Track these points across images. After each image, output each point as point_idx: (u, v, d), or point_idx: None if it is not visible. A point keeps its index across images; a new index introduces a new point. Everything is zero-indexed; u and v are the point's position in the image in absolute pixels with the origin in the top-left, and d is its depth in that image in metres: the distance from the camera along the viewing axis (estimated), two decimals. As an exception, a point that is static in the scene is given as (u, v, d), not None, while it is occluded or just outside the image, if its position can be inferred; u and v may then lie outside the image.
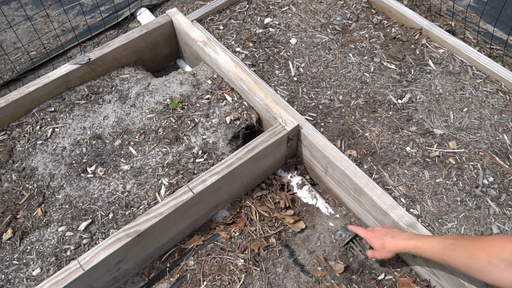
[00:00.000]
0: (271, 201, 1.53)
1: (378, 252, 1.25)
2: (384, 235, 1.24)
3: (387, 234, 1.23)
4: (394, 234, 1.22)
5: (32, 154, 1.53)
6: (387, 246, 1.21)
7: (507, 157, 1.50)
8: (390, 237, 1.21)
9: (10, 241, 1.35)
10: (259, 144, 1.41)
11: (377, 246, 1.25)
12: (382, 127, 1.61)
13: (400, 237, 1.19)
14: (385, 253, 1.23)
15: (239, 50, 1.84)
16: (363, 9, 1.99)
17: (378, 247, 1.25)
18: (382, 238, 1.23)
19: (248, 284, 1.36)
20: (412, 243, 1.15)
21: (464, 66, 1.76)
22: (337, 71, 1.78)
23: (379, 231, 1.27)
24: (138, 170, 1.47)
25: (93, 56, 1.65)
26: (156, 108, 1.63)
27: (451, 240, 1.07)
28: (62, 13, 2.40)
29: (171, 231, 1.37)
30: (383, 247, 1.22)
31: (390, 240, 1.21)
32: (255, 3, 2.03)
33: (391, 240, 1.20)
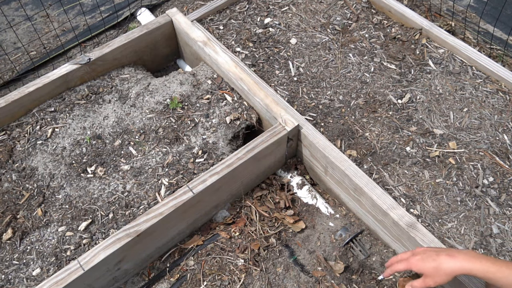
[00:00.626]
0: (271, 201, 1.53)
1: (431, 277, 1.01)
2: (436, 254, 1.01)
3: (441, 252, 1.01)
4: (450, 252, 1.00)
5: (32, 154, 1.53)
6: (444, 268, 0.99)
7: (507, 157, 1.50)
8: (446, 256, 0.99)
9: (10, 241, 1.35)
10: (259, 144, 1.41)
11: (429, 270, 1.01)
12: (382, 127, 1.61)
13: (461, 256, 0.98)
14: (442, 277, 0.99)
15: (239, 50, 1.84)
16: (363, 9, 1.99)
17: (431, 271, 1.00)
18: (434, 259, 1.00)
19: (248, 284, 1.36)
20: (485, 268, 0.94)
21: (464, 66, 1.76)
22: (337, 71, 1.78)
23: (423, 251, 1.05)
24: (138, 170, 1.47)
25: (93, 56, 1.65)
26: (156, 108, 1.63)
27: None
28: (62, 13, 2.40)
29: (171, 231, 1.37)
30: (438, 270, 0.99)
31: (448, 259, 0.99)
32: (255, 3, 2.03)
33: (449, 260, 0.98)
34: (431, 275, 1.01)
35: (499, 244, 1.33)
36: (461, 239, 1.33)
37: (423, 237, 1.24)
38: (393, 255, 1.42)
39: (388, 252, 1.43)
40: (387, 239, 1.42)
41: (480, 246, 1.32)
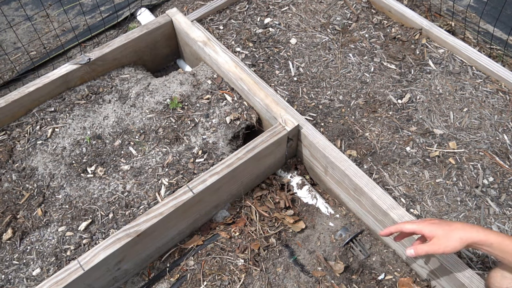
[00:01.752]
0: (271, 201, 1.53)
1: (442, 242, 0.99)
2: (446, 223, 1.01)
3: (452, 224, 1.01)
4: (463, 223, 1.01)
5: (32, 154, 1.53)
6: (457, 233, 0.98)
7: (507, 157, 1.50)
8: (460, 224, 0.99)
9: (10, 241, 1.35)
10: (259, 144, 1.41)
11: (441, 234, 1.00)
12: (382, 127, 1.61)
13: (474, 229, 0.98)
14: (451, 245, 0.98)
15: (239, 50, 1.84)
16: (363, 9, 1.99)
17: (442, 237, 0.99)
18: (448, 224, 1.00)
19: (248, 284, 1.36)
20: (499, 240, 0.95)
21: (464, 66, 1.76)
22: (337, 71, 1.78)
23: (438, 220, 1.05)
24: (138, 170, 1.47)
25: (93, 56, 1.65)
26: (156, 108, 1.63)
27: None
28: (62, 13, 2.40)
29: (171, 231, 1.37)
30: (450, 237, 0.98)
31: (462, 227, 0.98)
32: (255, 3, 2.03)
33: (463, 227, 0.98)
34: (442, 239, 0.99)
35: (499, 244, 1.33)
36: (461, 239, 1.33)
37: (423, 237, 1.24)
38: (393, 255, 1.42)
39: (388, 252, 1.43)
40: (387, 239, 1.42)
41: (480, 246, 1.32)
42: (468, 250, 1.31)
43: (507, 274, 0.97)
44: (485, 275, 1.26)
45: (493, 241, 0.95)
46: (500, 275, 0.97)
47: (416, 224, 1.05)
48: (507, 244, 0.94)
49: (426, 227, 1.03)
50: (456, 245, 0.98)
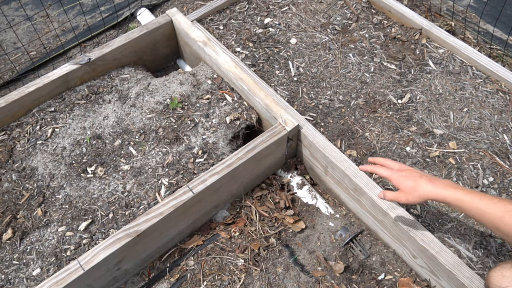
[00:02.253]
0: (271, 201, 1.53)
1: (405, 194, 1.08)
2: (418, 176, 1.07)
3: (423, 177, 1.07)
4: (432, 178, 1.07)
5: (32, 154, 1.53)
6: (420, 190, 1.05)
7: (507, 157, 1.50)
8: (427, 180, 1.06)
9: (10, 241, 1.35)
10: (259, 144, 1.41)
11: (406, 188, 1.08)
12: (382, 127, 1.61)
13: (440, 183, 1.04)
14: (415, 198, 1.07)
15: (239, 50, 1.84)
16: (363, 9, 1.99)
17: (407, 189, 1.07)
18: (415, 179, 1.07)
19: (248, 284, 1.36)
20: (458, 195, 1.00)
21: (464, 66, 1.76)
22: (337, 71, 1.78)
23: (409, 171, 1.10)
24: (138, 170, 1.47)
25: (93, 56, 1.65)
26: (156, 108, 1.63)
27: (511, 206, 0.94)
28: (62, 13, 2.40)
29: (171, 231, 1.37)
30: (415, 190, 1.06)
31: (427, 183, 1.05)
32: (255, 3, 2.03)
33: (428, 184, 1.05)
34: (405, 193, 1.09)
35: (499, 244, 1.33)
36: (461, 239, 1.33)
37: (423, 237, 1.24)
38: (393, 255, 1.42)
39: (388, 252, 1.43)
40: (387, 239, 1.42)
41: (480, 246, 1.32)
42: (468, 250, 1.31)
43: (507, 273, 0.97)
44: (485, 275, 1.26)
45: (451, 200, 1.02)
46: (499, 274, 0.98)
47: (389, 172, 1.13)
48: (466, 201, 1.00)
49: (395, 178, 1.11)
50: (416, 200, 1.07)
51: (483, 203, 0.99)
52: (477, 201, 0.99)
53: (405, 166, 1.14)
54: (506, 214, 0.94)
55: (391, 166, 1.16)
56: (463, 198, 1.01)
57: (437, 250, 1.22)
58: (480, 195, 1.00)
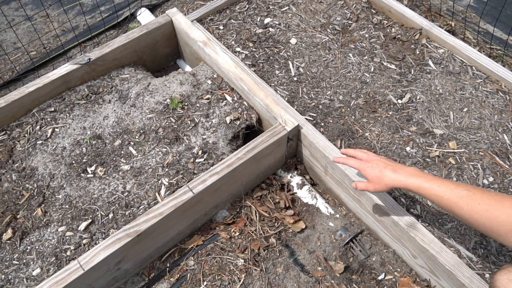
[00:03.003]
0: (271, 201, 1.53)
1: (373, 184, 1.15)
2: (383, 166, 1.13)
3: (387, 166, 1.13)
4: (396, 167, 1.12)
5: (32, 154, 1.53)
6: (385, 179, 1.11)
7: (507, 157, 1.50)
8: (391, 170, 1.11)
9: (10, 241, 1.35)
10: (259, 144, 1.41)
11: (373, 178, 1.14)
12: (382, 127, 1.61)
13: (402, 172, 1.09)
14: (381, 186, 1.13)
15: (239, 50, 1.84)
16: (363, 9, 1.99)
17: (374, 179, 1.14)
18: (380, 170, 1.13)
19: (248, 284, 1.36)
20: (417, 183, 1.05)
21: (464, 66, 1.76)
22: (337, 71, 1.78)
23: (376, 161, 1.16)
24: (138, 170, 1.48)
25: (93, 56, 1.65)
26: (156, 108, 1.63)
27: (466, 191, 0.98)
28: (62, 13, 2.40)
29: (171, 231, 1.37)
30: (380, 180, 1.12)
31: (391, 173, 1.11)
32: (255, 3, 2.03)
33: (392, 174, 1.10)
34: (373, 182, 1.15)
35: (499, 244, 1.33)
36: (461, 239, 1.33)
37: (423, 237, 1.24)
38: (393, 255, 1.42)
39: (388, 252, 1.43)
40: (387, 239, 1.42)
41: (480, 246, 1.32)
42: (468, 250, 1.31)
43: None
44: (485, 275, 1.26)
45: (412, 187, 1.07)
46: (506, 279, 0.95)
47: (358, 163, 1.20)
48: (425, 188, 1.04)
49: (363, 169, 1.18)
50: (383, 189, 1.14)
51: (440, 189, 1.02)
52: (435, 188, 1.03)
53: (373, 157, 1.19)
54: (459, 200, 0.98)
55: (360, 157, 1.22)
56: (423, 185, 1.05)
57: (437, 250, 1.22)
58: (439, 182, 1.04)
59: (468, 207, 0.97)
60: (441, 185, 1.03)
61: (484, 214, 0.94)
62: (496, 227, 0.92)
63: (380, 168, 1.14)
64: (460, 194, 0.99)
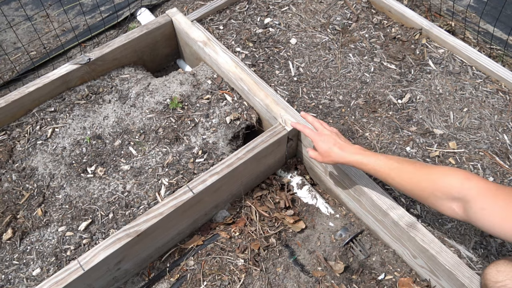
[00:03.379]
0: (271, 201, 1.53)
1: (321, 156, 1.26)
2: (332, 143, 1.23)
3: (336, 144, 1.22)
4: (343, 145, 1.22)
5: (32, 154, 1.53)
6: (332, 155, 1.22)
7: (507, 157, 1.50)
8: (338, 148, 1.21)
9: (10, 241, 1.35)
10: (259, 144, 1.41)
11: (322, 152, 1.24)
12: (382, 127, 1.61)
13: (347, 150, 1.20)
14: (328, 161, 1.24)
15: (239, 50, 1.84)
16: (363, 9, 1.99)
17: (323, 153, 1.24)
18: (329, 146, 1.23)
19: (248, 284, 1.36)
20: (358, 159, 1.16)
21: (464, 66, 1.76)
22: (337, 71, 1.78)
23: (327, 136, 1.25)
24: (138, 170, 1.48)
25: (93, 56, 1.65)
26: (156, 108, 1.63)
27: (397, 163, 1.11)
28: (62, 13, 2.40)
29: (171, 231, 1.37)
30: (328, 155, 1.23)
31: (338, 150, 1.21)
32: (255, 3, 2.03)
33: (338, 151, 1.21)
34: (321, 155, 1.25)
35: (499, 244, 1.33)
36: (461, 239, 1.33)
37: (423, 237, 1.24)
38: (393, 255, 1.42)
39: (388, 252, 1.43)
40: (387, 239, 1.42)
41: (480, 246, 1.32)
42: (468, 250, 1.31)
43: (501, 268, 0.99)
44: (485, 275, 1.26)
45: (354, 163, 1.18)
46: (495, 270, 1.01)
47: (312, 133, 1.29)
48: (365, 163, 1.15)
49: (315, 140, 1.26)
50: (329, 163, 1.25)
51: (376, 162, 1.14)
52: (372, 162, 1.14)
53: (325, 130, 1.27)
54: (391, 171, 1.10)
55: (316, 127, 1.31)
56: (363, 160, 1.16)
57: (437, 250, 1.22)
58: (376, 156, 1.15)
59: (398, 177, 1.09)
60: (377, 159, 1.14)
61: (410, 182, 1.07)
62: (421, 191, 1.05)
63: (330, 145, 1.23)
64: (392, 166, 1.11)
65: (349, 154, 1.19)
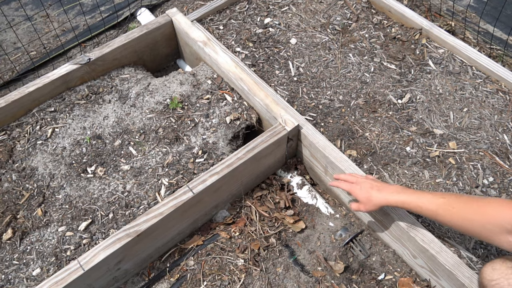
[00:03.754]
0: (271, 201, 1.53)
1: (363, 205, 1.23)
2: (370, 187, 1.21)
3: (373, 187, 1.20)
4: (380, 187, 1.20)
5: (32, 154, 1.53)
6: (372, 199, 1.19)
7: (507, 157, 1.50)
8: (376, 190, 1.19)
9: (10, 241, 1.35)
10: (259, 144, 1.41)
11: (363, 199, 1.22)
12: (382, 127, 1.61)
13: (386, 191, 1.17)
14: (371, 207, 1.21)
15: (239, 50, 1.84)
16: (363, 9, 1.99)
17: (364, 200, 1.22)
18: (367, 191, 1.21)
19: (248, 284, 1.36)
20: (401, 199, 1.13)
21: (464, 66, 1.76)
22: (337, 71, 1.78)
23: (363, 183, 1.24)
24: (138, 170, 1.48)
25: (93, 56, 1.65)
26: (156, 108, 1.63)
27: (443, 199, 1.07)
28: (62, 13, 2.40)
29: (171, 231, 1.37)
30: (369, 200, 1.20)
31: (377, 193, 1.18)
32: (255, 3, 2.03)
33: (378, 194, 1.18)
34: (363, 203, 1.23)
35: (499, 244, 1.33)
36: (461, 239, 1.33)
37: (423, 237, 1.24)
38: (393, 255, 1.42)
39: (388, 252, 1.43)
40: (387, 239, 1.42)
41: (480, 246, 1.32)
42: (468, 250, 1.31)
43: (497, 266, 1.00)
44: (485, 275, 1.26)
45: (398, 204, 1.14)
46: (490, 268, 1.01)
47: (348, 185, 1.27)
48: (408, 203, 1.12)
49: (353, 191, 1.25)
50: (373, 209, 1.21)
51: (420, 201, 1.10)
52: (415, 201, 1.11)
53: (360, 179, 1.26)
54: (438, 208, 1.06)
55: (350, 180, 1.29)
56: (405, 200, 1.12)
57: (437, 250, 1.22)
58: (419, 194, 1.12)
59: (445, 213, 1.05)
60: (421, 197, 1.10)
61: (458, 217, 1.03)
62: (470, 226, 1.01)
63: (367, 189, 1.21)
64: (437, 202, 1.07)
65: (388, 194, 1.16)
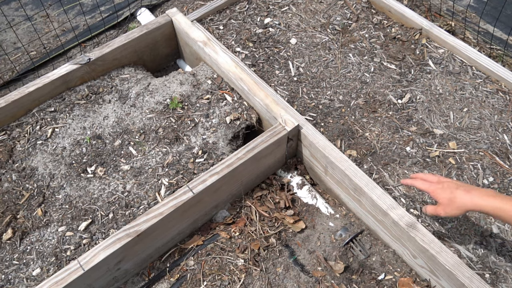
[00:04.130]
0: (271, 201, 1.53)
1: (443, 207, 1.08)
2: (455, 187, 1.06)
3: (460, 187, 1.06)
4: (468, 188, 1.05)
5: (32, 154, 1.53)
6: (458, 201, 1.04)
7: (507, 157, 1.50)
8: (463, 191, 1.04)
9: (10, 241, 1.35)
10: (259, 144, 1.41)
11: (444, 200, 1.07)
12: (382, 127, 1.61)
13: (476, 193, 1.02)
14: (453, 210, 1.06)
15: (239, 50, 1.84)
16: (363, 9, 1.99)
17: (445, 202, 1.07)
18: (452, 191, 1.06)
19: (248, 284, 1.36)
20: (497, 205, 0.98)
21: (464, 66, 1.76)
22: (337, 71, 1.78)
23: (447, 183, 1.09)
24: (138, 170, 1.48)
25: (93, 56, 1.65)
26: (156, 108, 1.63)
27: None
28: (62, 13, 2.40)
29: (171, 231, 1.37)
30: (452, 202, 1.05)
31: (464, 194, 1.03)
32: (255, 3, 2.03)
33: (465, 195, 1.03)
34: (444, 205, 1.08)
35: (499, 244, 1.33)
36: (461, 239, 1.33)
37: (423, 237, 1.24)
38: (393, 255, 1.42)
39: (388, 252, 1.43)
40: (387, 239, 1.42)
41: (480, 246, 1.32)
42: (468, 250, 1.31)
43: None
44: (485, 275, 1.26)
45: (489, 209, 1.01)
46: None
47: (427, 184, 1.13)
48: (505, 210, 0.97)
49: (432, 190, 1.11)
50: (454, 212, 1.06)
51: None
52: None
53: (443, 179, 1.12)
54: None
55: (430, 179, 1.16)
56: (502, 207, 0.97)
57: (437, 250, 1.22)
58: None
59: None
60: None
61: None
62: None
63: (452, 190, 1.07)
64: None
65: (479, 197, 1.02)
